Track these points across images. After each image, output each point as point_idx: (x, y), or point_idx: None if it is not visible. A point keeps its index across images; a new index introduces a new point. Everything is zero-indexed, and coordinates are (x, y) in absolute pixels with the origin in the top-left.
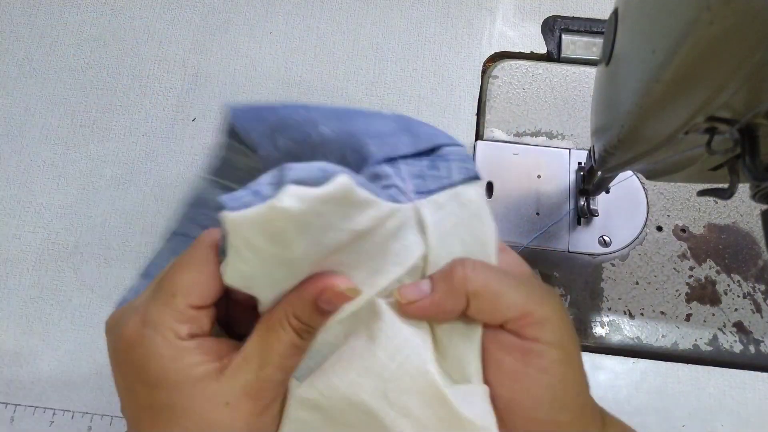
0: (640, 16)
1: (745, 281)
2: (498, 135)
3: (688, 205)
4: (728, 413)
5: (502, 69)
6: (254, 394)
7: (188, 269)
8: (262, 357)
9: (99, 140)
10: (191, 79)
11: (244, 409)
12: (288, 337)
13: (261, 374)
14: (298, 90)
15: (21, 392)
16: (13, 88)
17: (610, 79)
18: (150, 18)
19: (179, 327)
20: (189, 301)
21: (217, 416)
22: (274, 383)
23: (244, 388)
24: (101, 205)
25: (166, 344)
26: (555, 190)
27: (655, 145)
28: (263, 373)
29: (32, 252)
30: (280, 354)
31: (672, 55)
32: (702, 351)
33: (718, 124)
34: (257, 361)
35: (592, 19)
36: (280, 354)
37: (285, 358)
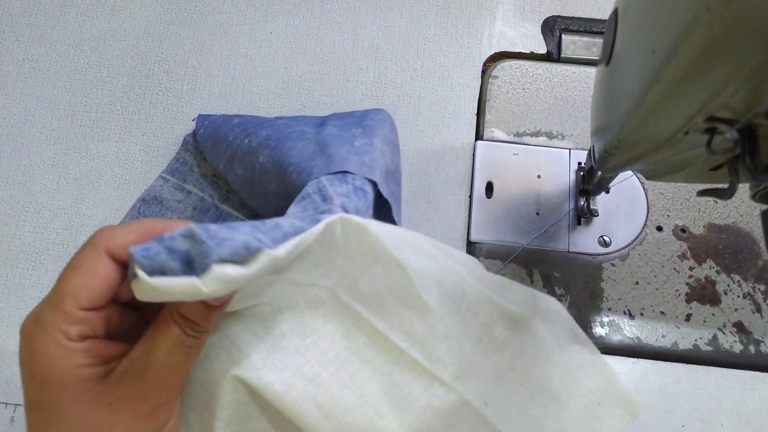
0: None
1: (745, 281)
2: (498, 135)
3: (688, 205)
4: (728, 413)
5: (502, 69)
6: (139, 396)
7: (79, 272)
8: (147, 358)
9: (99, 140)
10: (191, 79)
11: (128, 411)
12: (173, 333)
13: (146, 375)
14: (298, 90)
15: (21, 392)
16: (13, 88)
17: (610, 79)
18: (150, 18)
19: (69, 328)
20: (78, 304)
21: (99, 417)
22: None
23: (128, 390)
24: (101, 205)
25: (54, 344)
26: (555, 190)
27: (655, 145)
28: (148, 374)
29: (32, 252)
30: (165, 351)
31: (672, 55)
32: (702, 351)
33: (718, 124)
34: (143, 363)
35: (592, 19)
36: (165, 351)
37: (170, 355)
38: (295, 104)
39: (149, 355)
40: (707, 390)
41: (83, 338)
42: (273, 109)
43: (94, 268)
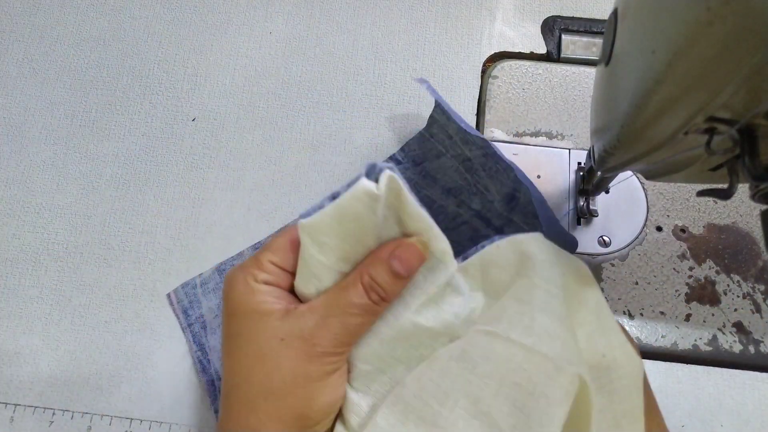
0: (640, 16)
1: (745, 281)
2: (498, 135)
3: (687, 205)
4: (728, 413)
5: (502, 69)
6: (309, 339)
7: (285, 236)
8: (327, 308)
9: (99, 140)
10: (191, 79)
11: (296, 349)
12: (357, 294)
13: (322, 322)
14: (298, 90)
15: (21, 392)
16: (13, 88)
17: (610, 80)
18: (150, 18)
19: (258, 273)
20: (271, 258)
21: (270, 349)
22: (331, 334)
23: (301, 331)
24: (101, 205)
25: (244, 283)
26: (555, 190)
27: (654, 146)
28: (324, 322)
29: (32, 252)
30: (345, 307)
31: (672, 56)
32: (702, 351)
33: (718, 124)
34: (321, 311)
35: (592, 19)
36: (344, 307)
37: (349, 315)
38: (295, 104)
39: (329, 306)
40: (707, 390)
41: (267, 283)
42: (273, 109)
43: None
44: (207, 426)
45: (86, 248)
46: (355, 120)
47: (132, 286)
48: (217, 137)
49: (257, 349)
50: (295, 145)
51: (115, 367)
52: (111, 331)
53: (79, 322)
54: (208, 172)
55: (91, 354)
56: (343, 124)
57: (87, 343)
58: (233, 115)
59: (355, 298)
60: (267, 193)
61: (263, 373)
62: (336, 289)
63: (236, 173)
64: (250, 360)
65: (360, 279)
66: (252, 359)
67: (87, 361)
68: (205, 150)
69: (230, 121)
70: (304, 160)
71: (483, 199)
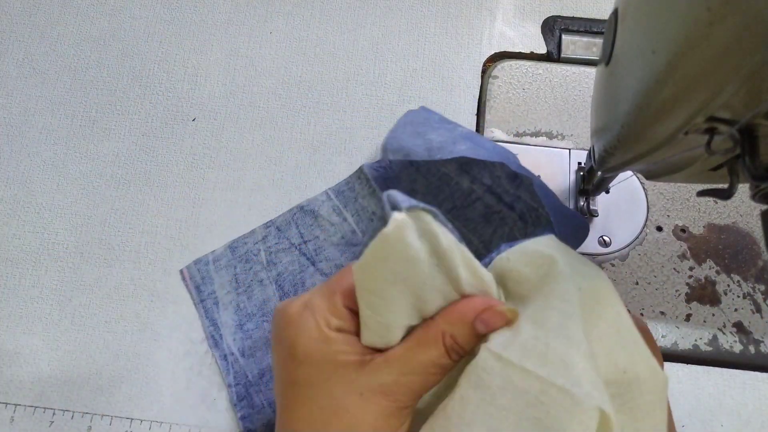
0: (640, 16)
1: (745, 281)
2: (498, 135)
3: (688, 205)
4: (728, 413)
5: (502, 69)
6: (389, 394)
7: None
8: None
9: (99, 140)
10: (191, 79)
11: (377, 404)
12: (438, 353)
13: (401, 379)
14: (298, 90)
15: (21, 392)
16: (13, 88)
17: (610, 80)
18: (150, 18)
19: (331, 318)
20: (346, 302)
21: (350, 403)
22: (411, 391)
23: (381, 386)
24: (101, 205)
25: (317, 327)
26: (555, 190)
27: (654, 146)
28: (404, 378)
29: (32, 252)
30: (425, 365)
31: (672, 56)
32: (702, 351)
33: (718, 124)
34: (399, 366)
35: (592, 19)
36: (425, 365)
37: (428, 374)
38: (295, 104)
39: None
40: (707, 390)
41: (339, 330)
42: (273, 109)
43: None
44: (207, 426)
45: (86, 248)
46: (355, 120)
47: (132, 286)
48: (217, 137)
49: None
50: (295, 145)
51: (115, 367)
52: (111, 331)
53: (79, 322)
54: (208, 172)
55: (91, 354)
56: (343, 124)
57: (87, 343)
58: (233, 115)
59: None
60: (267, 193)
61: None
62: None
63: (236, 173)
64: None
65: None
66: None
67: (87, 361)
68: (205, 150)
69: (230, 121)
70: (304, 160)
71: (492, 174)
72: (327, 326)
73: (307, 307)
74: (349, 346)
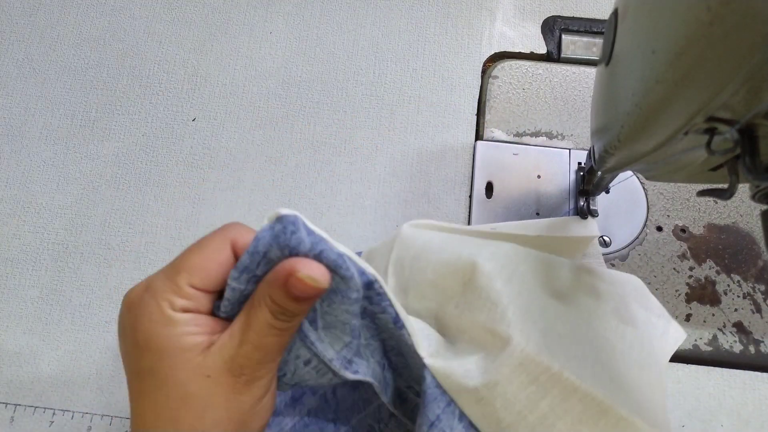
0: (640, 16)
1: (745, 281)
2: (498, 135)
3: (688, 205)
4: (728, 413)
5: (502, 69)
6: (235, 370)
7: (201, 253)
8: (242, 334)
9: (99, 140)
10: (191, 79)
11: (225, 384)
12: (264, 316)
13: (240, 350)
14: (298, 90)
15: (21, 392)
16: (13, 88)
17: (610, 80)
18: (150, 18)
19: (175, 299)
20: (191, 281)
21: (197, 388)
22: (253, 361)
23: (226, 363)
24: (101, 205)
25: (159, 311)
26: (555, 190)
27: (655, 145)
28: (242, 350)
29: (32, 252)
30: (257, 332)
31: (672, 56)
32: (702, 351)
33: (718, 124)
34: (238, 337)
35: (592, 19)
36: (257, 332)
37: (262, 337)
38: (295, 104)
39: (244, 333)
40: (707, 390)
41: (186, 311)
42: (273, 109)
43: (216, 253)
44: None
45: (86, 248)
46: (355, 120)
47: (132, 286)
48: (217, 137)
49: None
50: (295, 145)
51: (115, 367)
52: (111, 331)
53: (79, 322)
54: (208, 172)
55: (91, 354)
56: (343, 124)
57: (87, 343)
58: (233, 115)
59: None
60: (267, 193)
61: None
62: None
63: (236, 173)
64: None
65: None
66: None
67: (87, 361)
68: (205, 150)
69: (230, 121)
70: (304, 160)
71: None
72: (170, 308)
73: (148, 289)
74: (197, 326)
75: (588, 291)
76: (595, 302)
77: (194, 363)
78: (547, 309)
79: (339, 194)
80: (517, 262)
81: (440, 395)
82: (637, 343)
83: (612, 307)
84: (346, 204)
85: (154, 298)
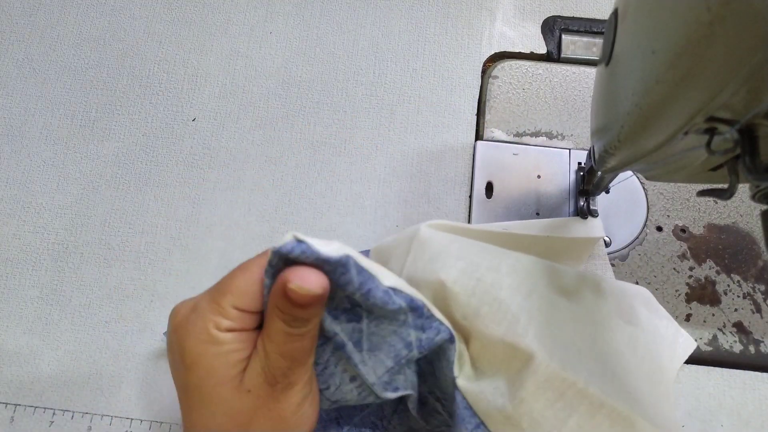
0: (640, 16)
1: (745, 281)
2: (498, 135)
3: (688, 205)
4: (728, 413)
5: (502, 69)
6: (270, 380)
7: (246, 275)
8: (264, 347)
9: (99, 140)
10: (191, 79)
11: (264, 395)
12: (278, 326)
13: (268, 362)
14: (298, 90)
15: (21, 392)
16: (13, 88)
17: (610, 80)
18: (150, 18)
19: (220, 320)
20: (236, 303)
21: (241, 403)
22: (283, 369)
23: (261, 376)
24: (101, 205)
25: (205, 331)
26: (555, 190)
27: (655, 146)
28: (269, 361)
29: (32, 252)
30: (276, 342)
31: (672, 56)
32: (702, 351)
33: (718, 124)
34: (263, 350)
35: (592, 19)
36: (277, 342)
37: (282, 345)
38: (295, 104)
39: (267, 344)
40: (707, 390)
41: (230, 330)
42: (273, 109)
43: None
44: None
45: (86, 248)
46: (355, 120)
47: (132, 286)
48: (217, 137)
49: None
50: (295, 145)
51: (115, 367)
52: (111, 331)
53: (79, 322)
54: (208, 172)
55: (91, 354)
56: (343, 124)
57: (87, 343)
58: (233, 115)
59: (282, 329)
60: (267, 193)
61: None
62: (265, 326)
63: (236, 173)
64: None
65: (273, 311)
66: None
67: (87, 361)
68: (205, 150)
69: (230, 121)
70: (303, 160)
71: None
72: (216, 328)
73: (194, 310)
74: (241, 343)
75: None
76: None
77: (236, 380)
78: (566, 324)
79: (339, 194)
80: (536, 276)
81: (470, 417)
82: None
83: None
84: (346, 204)
85: (201, 319)
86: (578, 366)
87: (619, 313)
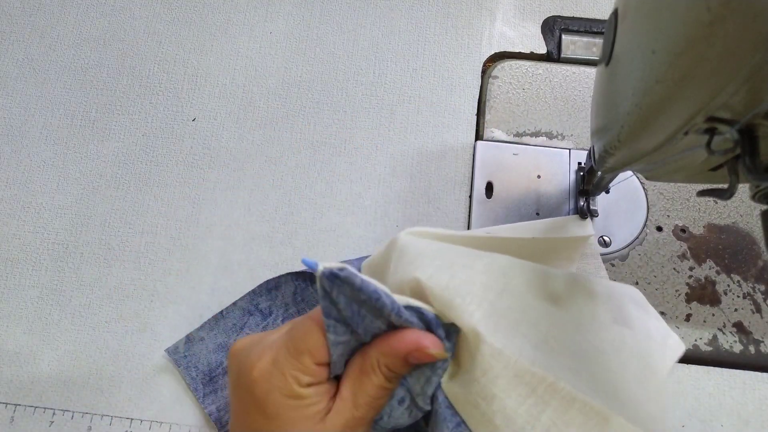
0: (640, 16)
1: (745, 281)
2: (498, 135)
3: (688, 205)
4: (728, 413)
5: (502, 69)
6: (351, 427)
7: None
8: (355, 398)
9: (99, 140)
10: (191, 79)
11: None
12: (379, 381)
13: (356, 413)
14: (298, 90)
15: (21, 392)
16: (13, 88)
17: (610, 80)
18: (150, 18)
19: (302, 377)
20: (315, 360)
21: None
22: (366, 420)
23: (343, 427)
24: (101, 205)
25: (288, 387)
26: (555, 190)
27: (654, 146)
28: (358, 413)
29: (32, 252)
30: (371, 396)
31: (672, 56)
32: (702, 351)
33: (718, 124)
34: (352, 401)
35: (592, 19)
36: (372, 396)
37: (375, 399)
38: (295, 104)
39: (358, 397)
40: (707, 390)
41: (310, 385)
42: (273, 109)
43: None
44: (207, 426)
45: (86, 248)
46: (355, 120)
47: (132, 286)
48: (217, 137)
49: None
50: (295, 145)
51: (115, 367)
52: (111, 331)
53: (79, 322)
54: (208, 172)
55: (91, 354)
56: (343, 124)
57: (87, 343)
58: (233, 115)
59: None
60: (267, 193)
61: None
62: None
63: (236, 173)
64: None
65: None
66: None
67: (87, 361)
68: (205, 150)
69: (230, 121)
70: (303, 160)
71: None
72: (297, 383)
73: (276, 365)
74: (319, 396)
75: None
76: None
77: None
78: (539, 322)
79: (339, 194)
80: (511, 275)
81: (451, 416)
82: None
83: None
84: (346, 204)
85: (282, 375)
86: (550, 362)
87: (605, 312)
